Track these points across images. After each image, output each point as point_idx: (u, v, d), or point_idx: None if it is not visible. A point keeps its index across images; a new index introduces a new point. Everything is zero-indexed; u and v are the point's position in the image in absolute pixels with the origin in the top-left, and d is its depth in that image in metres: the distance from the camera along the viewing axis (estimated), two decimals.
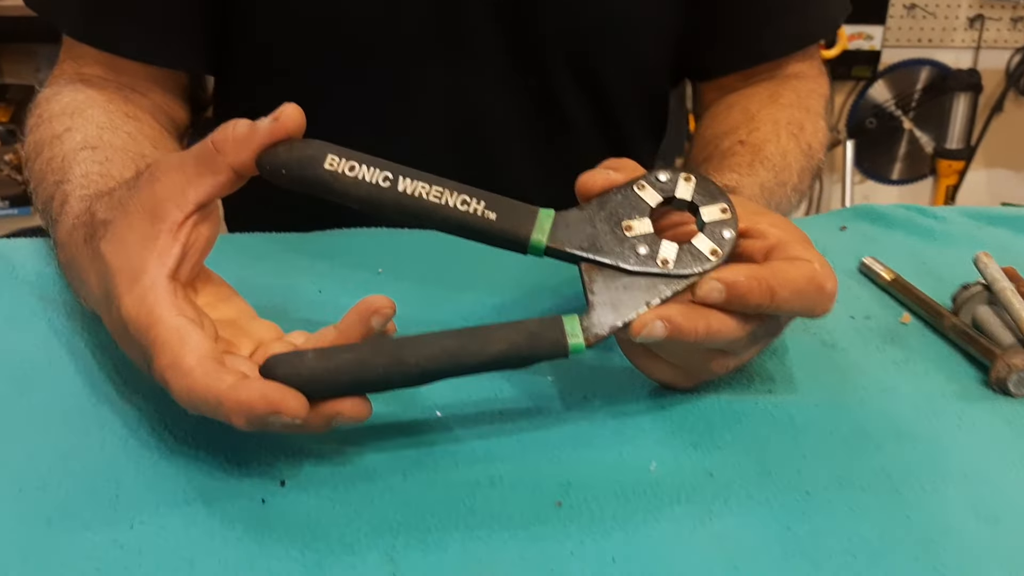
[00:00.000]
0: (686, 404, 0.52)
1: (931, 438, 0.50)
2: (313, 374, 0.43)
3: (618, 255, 0.47)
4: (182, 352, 0.43)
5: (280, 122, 0.46)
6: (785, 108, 0.78)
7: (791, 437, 0.50)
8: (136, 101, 0.73)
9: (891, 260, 0.70)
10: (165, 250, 0.46)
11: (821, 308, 0.49)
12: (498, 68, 0.78)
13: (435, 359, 0.44)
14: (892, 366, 0.57)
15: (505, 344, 0.44)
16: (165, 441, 0.47)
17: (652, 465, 0.47)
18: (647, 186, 0.49)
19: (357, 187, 0.46)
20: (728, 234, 0.48)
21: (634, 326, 0.46)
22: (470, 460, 0.47)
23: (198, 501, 0.44)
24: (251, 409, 0.41)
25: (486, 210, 0.47)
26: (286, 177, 0.46)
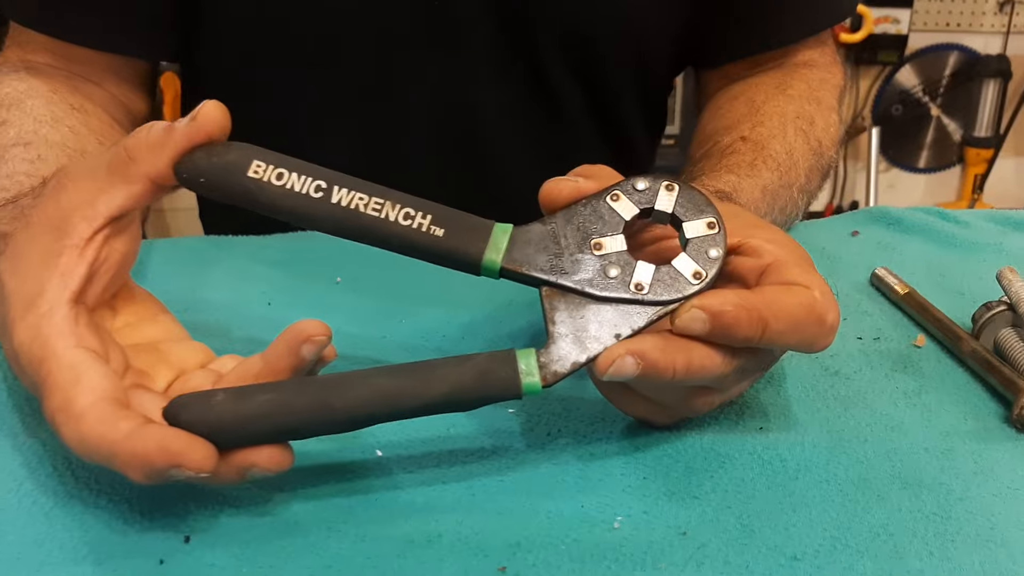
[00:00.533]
0: (663, 444, 0.46)
1: (942, 488, 0.44)
2: (222, 420, 0.37)
3: (585, 278, 0.41)
4: (74, 393, 0.37)
5: (197, 122, 0.40)
6: (794, 100, 0.72)
7: (781, 486, 0.43)
8: (86, 91, 0.67)
9: (906, 271, 0.63)
10: (69, 270, 0.40)
11: (820, 343, 0.42)
12: (488, 57, 0.72)
13: (366, 403, 0.38)
14: (902, 398, 0.50)
15: (448, 386, 0.38)
16: (65, 484, 0.42)
17: (617, 521, 0.41)
18: (622, 196, 0.43)
19: (285, 198, 0.40)
20: (715, 253, 0.42)
21: (599, 362, 0.39)
22: (407, 512, 0.41)
23: (88, 560, 0.38)
24: (148, 462, 0.35)
25: (432, 225, 0.41)
26: (205, 186, 0.40)
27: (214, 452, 0.36)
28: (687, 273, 0.41)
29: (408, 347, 0.53)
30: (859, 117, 2.64)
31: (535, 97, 0.74)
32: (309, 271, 0.60)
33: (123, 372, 0.40)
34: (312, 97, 0.72)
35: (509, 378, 0.39)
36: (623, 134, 0.80)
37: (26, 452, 0.44)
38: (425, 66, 0.71)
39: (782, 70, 0.75)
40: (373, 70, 0.71)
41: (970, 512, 0.42)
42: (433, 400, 0.38)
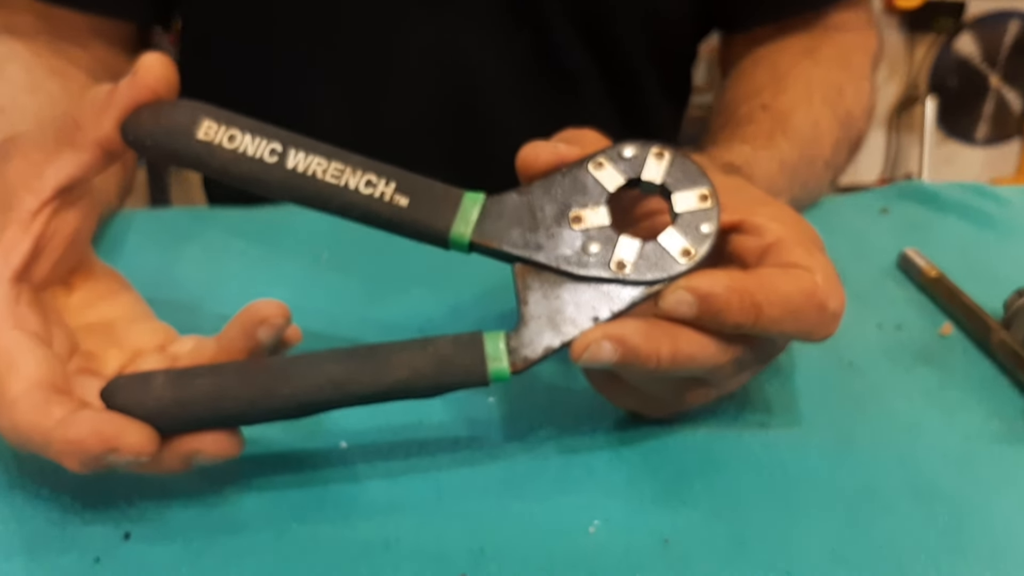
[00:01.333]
0: (653, 441, 0.42)
1: (957, 497, 0.39)
2: (160, 404, 0.34)
3: (562, 255, 0.37)
4: (7, 380, 0.34)
5: (138, 77, 0.37)
6: (822, 66, 0.67)
7: (779, 492, 0.39)
8: (71, 54, 0.65)
9: (938, 252, 0.58)
10: (12, 245, 0.37)
11: (821, 332, 0.38)
12: (488, 20, 0.68)
13: (316, 389, 0.35)
14: (921, 394, 0.46)
15: (406, 371, 0.35)
16: (9, 472, 0.39)
17: (593, 525, 0.37)
18: (607, 164, 0.39)
19: (237, 163, 0.37)
20: (707, 228, 0.37)
21: (574, 347, 0.36)
22: (367, 511, 0.38)
23: (21, 554, 0.35)
24: (82, 448, 0.33)
25: (396, 193, 0.38)
26: (153, 149, 0.37)
27: (153, 435, 0.34)
28: (674, 250, 0.37)
29: (389, 328, 0.50)
30: (914, 87, 2.54)
31: (541, 66, 0.70)
32: (294, 245, 0.57)
33: (68, 356, 0.38)
34: (301, 59, 0.69)
35: (473, 364, 0.36)
36: (639, 102, 0.75)
37: None
38: (418, 25, 0.67)
39: (811, 33, 0.70)
40: (364, 29, 0.67)
41: (987, 526, 0.38)
42: (388, 387, 0.35)
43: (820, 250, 0.40)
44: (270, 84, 0.71)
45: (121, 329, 0.41)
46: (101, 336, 0.40)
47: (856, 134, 0.67)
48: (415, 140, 0.72)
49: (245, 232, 0.58)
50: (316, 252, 0.56)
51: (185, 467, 0.35)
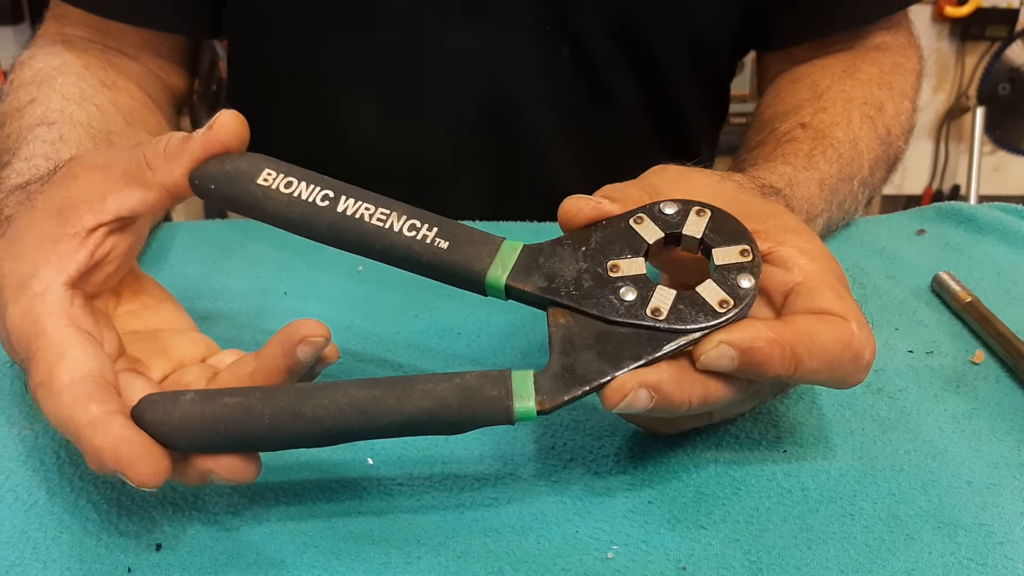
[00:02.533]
0: (674, 465, 0.42)
1: (982, 529, 0.39)
2: (186, 421, 0.35)
3: (598, 301, 0.37)
4: (58, 369, 0.36)
5: (213, 132, 0.39)
6: (862, 84, 0.66)
7: (798, 518, 0.40)
8: (121, 66, 0.67)
9: (974, 276, 0.58)
10: (67, 255, 0.39)
11: (853, 381, 0.38)
12: (527, 33, 0.69)
13: (339, 414, 0.35)
14: (949, 422, 0.46)
15: (430, 401, 0.35)
16: (49, 480, 0.41)
17: (611, 550, 0.38)
18: (646, 219, 0.39)
19: (291, 206, 0.39)
20: (747, 283, 0.37)
21: (608, 394, 0.35)
22: (389, 529, 0.39)
23: (57, 563, 0.37)
24: (98, 458, 0.34)
25: (437, 238, 0.39)
26: (216, 193, 0.39)
27: (165, 467, 0.34)
28: (713, 301, 0.37)
29: (419, 345, 0.50)
30: (963, 96, 2.50)
31: (578, 80, 0.71)
32: (332, 258, 0.58)
33: (116, 356, 0.39)
34: (346, 66, 0.71)
35: (499, 399, 0.36)
36: (676, 115, 0.75)
37: (18, 444, 0.43)
38: (458, 37, 0.68)
39: (851, 52, 0.70)
40: (406, 39, 0.69)
41: (1010, 559, 0.38)
42: (411, 417, 0.35)
43: (848, 291, 0.40)
44: (312, 94, 0.72)
45: (166, 339, 0.42)
46: (147, 344, 0.41)
47: (895, 152, 0.66)
48: (454, 149, 0.73)
49: (285, 245, 0.60)
50: (352, 265, 0.57)
51: (202, 484, 0.36)
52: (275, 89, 0.74)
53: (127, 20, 0.67)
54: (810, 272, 0.39)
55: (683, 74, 0.73)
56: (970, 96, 2.50)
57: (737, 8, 0.71)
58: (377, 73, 0.70)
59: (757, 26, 0.73)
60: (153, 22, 0.68)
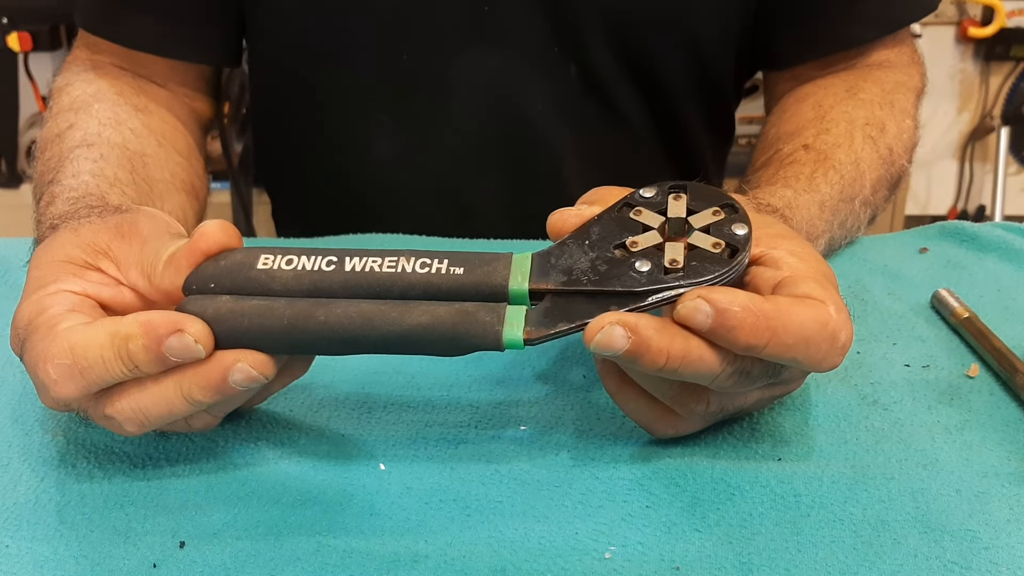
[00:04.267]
0: (672, 471, 0.44)
1: (968, 534, 0.41)
2: (219, 314, 0.39)
3: (619, 279, 0.40)
4: (58, 320, 0.40)
5: (194, 242, 0.42)
6: (865, 104, 0.68)
7: (790, 522, 0.41)
8: (151, 92, 0.70)
9: (974, 293, 0.59)
10: (89, 280, 0.43)
11: (828, 362, 0.40)
12: (536, 53, 0.72)
13: (346, 320, 0.39)
14: (941, 433, 0.47)
15: (428, 317, 0.39)
16: (80, 482, 0.43)
17: (609, 551, 0.40)
18: (643, 211, 0.42)
19: (299, 279, 0.41)
20: (741, 231, 0.41)
21: (588, 329, 0.38)
22: (399, 529, 0.41)
23: (88, 559, 0.39)
24: (152, 328, 0.38)
25: (451, 267, 0.41)
26: (217, 290, 0.41)
27: (210, 333, 0.39)
28: (706, 245, 0.40)
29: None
30: (988, 116, 2.50)
31: (585, 91, 0.73)
32: None
33: None
34: (366, 88, 0.74)
35: (491, 324, 0.39)
36: (683, 134, 0.78)
37: (52, 449, 0.45)
38: (472, 59, 0.71)
39: (854, 71, 0.72)
40: (424, 62, 0.72)
41: (994, 563, 0.39)
42: (410, 329, 0.39)
43: (834, 286, 0.42)
44: (334, 116, 0.75)
45: None
46: None
47: (897, 171, 0.68)
48: (471, 167, 0.75)
49: None
50: None
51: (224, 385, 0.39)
52: (297, 112, 0.77)
53: (155, 52, 0.70)
54: (797, 268, 0.41)
55: (687, 93, 0.76)
56: (994, 116, 2.50)
57: (739, 29, 0.73)
58: (396, 94, 0.73)
59: (761, 46, 0.75)
60: (179, 53, 0.71)
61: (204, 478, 0.43)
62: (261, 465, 0.44)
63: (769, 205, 0.56)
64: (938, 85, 2.48)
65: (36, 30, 2.12)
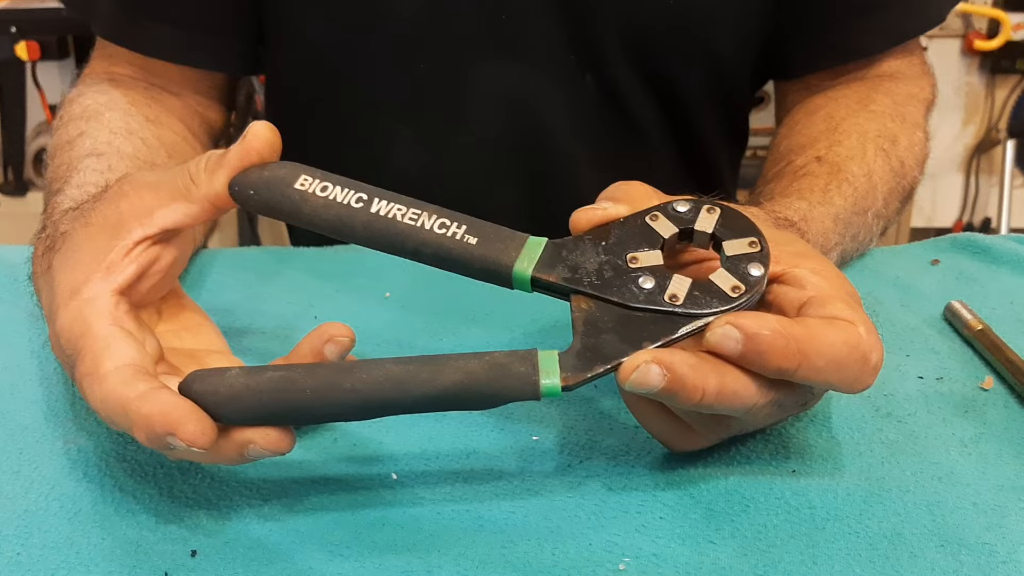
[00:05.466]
0: (687, 482, 0.44)
1: (985, 548, 0.40)
2: (232, 392, 0.37)
3: (618, 289, 0.40)
4: (103, 358, 0.39)
5: (247, 142, 0.42)
6: (876, 116, 0.68)
7: (805, 535, 0.41)
8: (164, 102, 0.70)
9: (987, 305, 0.59)
10: (115, 266, 0.42)
11: (861, 383, 0.40)
12: (554, 64, 0.72)
13: (376, 386, 0.37)
14: (957, 445, 0.47)
15: (462, 374, 0.37)
16: (92, 490, 0.43)
17: (622, 563, 0.39)
18: (661, 216, 0.42)
19: (327, 208, 0.42)
20: (756, 271, 0.40)
21: (622, 368, 0.37)
22: (412, 540, 0.41)
23: (100, 567, 0.39)
24: (149, 424, 0.37)
25: (467, 235, 0.41)
26: (255, 199, 0.42)
27: (212, 429, 0.37)
28: (725, 287, 0.39)
29: None
30: (994, 129, 2.50)
31: (602, 100, 0.73)
32: (361, 284, 0.61)
33: (157, 359, 0.42)
34: (383, 98, 0.74)
35: (527, 375, 0.38)
36: (698, 142, 0.78)
37: (63, 457, 0.45)
38: (488, 69, 0.71)
39: (865, 83, 0.72)
40: (441, 71, 0.72)
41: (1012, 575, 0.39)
42: (444, 389, 0.37)
43: (859, 305, 0.42)
44: (350, 125, 0.76)
45: (201, 358, 0.45)
46: (185, 359, 0.44)
47: (909, 183, 0.68)
48: (487, 176, 0.75)
49: (318, 271, 0.62)
50: (381, 291, 0.60)
51: (239, 458, 0.38)
52: (313, 121, 0.77)
53: (173, 60, 0.70)
54: (822, 288, 0.41)
55: (704, 103, 0.76)
56: (1000, 129, 2.50)
57: (756, 39, 0.73)
58: (413, 105, 0.74)
59: (774, 56, 0.75)
60: (197, 62, 0.71)
61: (216, 487, 0.43)
62: (273, 474, 0.44)
63: (786, 219, 0.56)
64: (944, 98, 2.47)
65: (44, 39, 2.13)
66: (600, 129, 0.75)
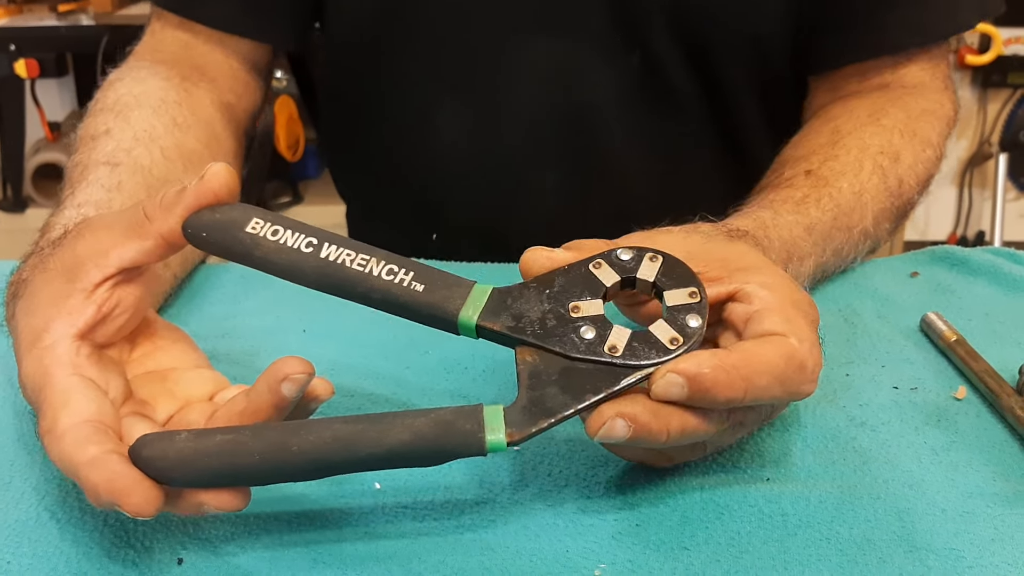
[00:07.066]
0: (663, 492, 0.45)
1: (952, 553, 0.41)
2: (181, 457, 0.38)
3: (560, 339, 0.41)
4: (60, 415, 0.39)
5: (205, 182, 0.43)
6: (884, 131, 0.68)
7: (777, 540, 0.42)
8: (196, 99, 0.69)
9: (963, 317, 0.60)
10: (76, 310, 0.42)
11: (803, 391, 0.42)
12: (597, 39, 0.73)
13: (323, 447, 0.38)
14: (928, 454, 0.48)
15: (409, 434, 0.38)
16: (82, 501, 0.44)
17: (599, 568, 0.40)
18: (604, 264, 0.43)
19: (278, 252, 0.43)
20: (695, 323, 0.41)
21: (590, 424, 0.39)
22: (393, 547, 0.42)
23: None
24: (95, 492, 0.37)
25: (413, 281, 0.42)
26: (207, 240, 0.43)
27: (157, 498, 0.37)
28: (664, 339, 0.40)
29: (427, 380, 0.54)
30: (986, 143, 2.52)
31: (647, 86, 0.74)
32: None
33: (123, 400, 0.42)
34: (432, 74, 0.75)
35: (472, 432, 0.38)
36: (740, 131, 0.78)
37: (54, 470, 0.46)
38: (532, 44, 0.72)
39: (885, 94, 0.72)
40: (487, 48, 0.73)
41: None
42: (392, 449, 0.38)
43: (800, 313, 0.43)
44: (400, 102, 0.78)
45: (175, 378, 0.45)
46: (155, 385, 0.45)
47: (905, 203, 0.68)
48: (532, 151, 0.77)
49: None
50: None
51: (197, 514, 0.39)
52: (362, 93, 0.79)
53: (223, 27, 0.72)
54: (766, 301, 0.42)
55: (747, 87, 0.76)
56: (993, 143, 2.52)
57: (793, 24, 0.73)
58: (460, 80, 0.75)
59: (807, 49, 0.75)
60: (244, 30, 0.73)
61: None
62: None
63: (738, 230, 0.55)
64: None
65: (43, 57, 2.15)
66: (644, 108, 0.76)
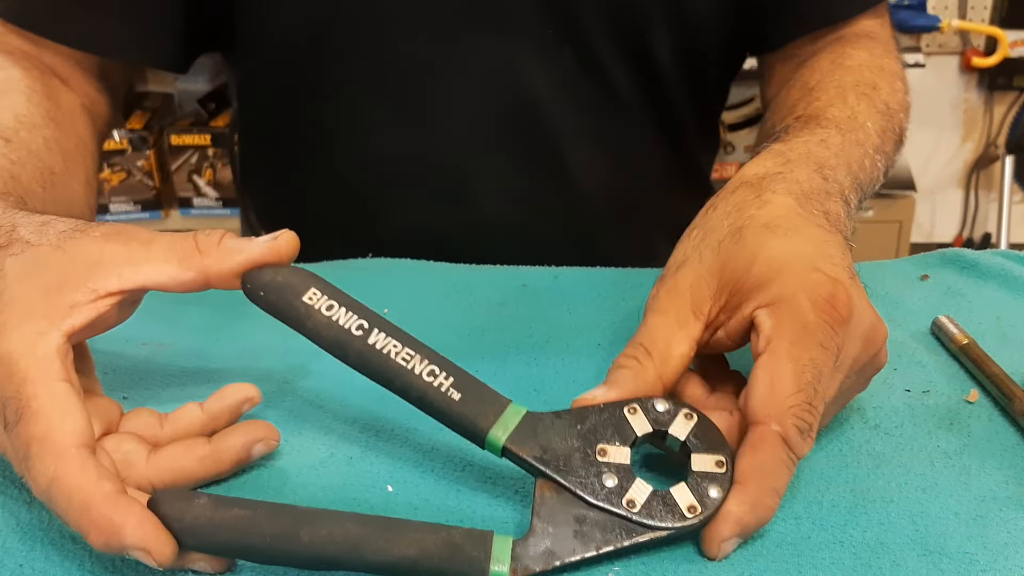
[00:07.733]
0: None
1: (966, 557, 0.41)
2: (197, 524, 0.38)
3: (581, 480, 0.41)
4: (60, 428, 0.38)
5: (278, 244, 0.43)
6: (852, 71, 0.69)
7: (791, 544, 0.42)
8: (60, 96, 0.66)
9: (973, 320, 0.60)
10: (79, 308, 0.41)
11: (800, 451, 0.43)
12: (533, 37, 0.72)
13: (331, 543, 0.38)
14: (941, 457, 0.48)
15: (415, 549, 0.38)
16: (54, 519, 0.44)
17: (612, 572, 0.40)
18: (639, 411, 0.43)
19: (328, 328, 0.43)
20: (715, 493, 0.41)
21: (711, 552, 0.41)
22: None
23: None
24: (117, 533, 0.37)
25: (452, 388, 0.43)
26: (263, 299, 0.43)
27: (174, 552, 0.38)
28: (683, 505, 0.41)
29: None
30: (992, 145, 2.51)
31: (584, 73, 0.74)
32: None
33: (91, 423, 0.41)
34: (365, 78, 0.73)
35: (478, 561, 0.38)
36: (678, 123, 0.79)
37: None
38: (470, 44, 0.71)
39: (840, 43, 0.73)
40: (422, 48, 0.72)
41: None
42: (396, 560, 0.38)
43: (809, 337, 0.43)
44: (332, 107, 0.75)
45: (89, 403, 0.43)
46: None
47: (898, 124, 0.68)
48: (476, 152, 0.75)
49: None
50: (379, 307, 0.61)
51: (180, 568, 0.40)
52: (291, 105, 0.76)
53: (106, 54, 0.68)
54: (769, 338, 0.44)
55: (681, 80, 0.76)
56: (999, 145, 2.51)
57: (730, 11, 0.74)
58: (396, 83, 0.73)
59: (752, 30, 0.76)
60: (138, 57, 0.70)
61: None
62: (270, 487, 0.45)
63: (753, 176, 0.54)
64: (942, 115, 2.50)
65: None
66: (582, 100, 0.75)
